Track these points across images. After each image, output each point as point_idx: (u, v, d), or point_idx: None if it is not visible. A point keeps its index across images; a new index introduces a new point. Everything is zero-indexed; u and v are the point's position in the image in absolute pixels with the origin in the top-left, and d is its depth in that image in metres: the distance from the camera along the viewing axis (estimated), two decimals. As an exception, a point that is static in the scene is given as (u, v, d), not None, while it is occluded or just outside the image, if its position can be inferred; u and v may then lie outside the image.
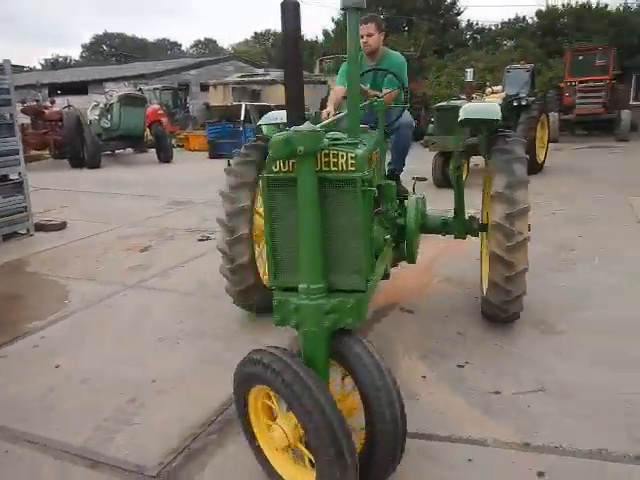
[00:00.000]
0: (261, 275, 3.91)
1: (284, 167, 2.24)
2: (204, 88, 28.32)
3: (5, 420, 2.99)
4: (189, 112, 25.30)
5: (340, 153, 2.21)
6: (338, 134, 2.55)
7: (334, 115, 3.85)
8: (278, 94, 16.72)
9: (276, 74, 18.38)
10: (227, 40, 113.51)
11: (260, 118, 15.68)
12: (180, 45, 67.47)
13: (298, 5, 2.24)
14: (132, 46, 55.73)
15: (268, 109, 15.61)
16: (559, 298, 4.32)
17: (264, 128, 4.17)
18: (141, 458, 2.62)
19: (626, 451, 2.52)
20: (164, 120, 16.69)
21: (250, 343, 3.38)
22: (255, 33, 57.50)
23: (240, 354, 2.25)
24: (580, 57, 21.40)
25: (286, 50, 2.27)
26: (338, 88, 4.38)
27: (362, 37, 4.22)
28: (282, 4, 2.22)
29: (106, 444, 2.75)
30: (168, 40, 67.74)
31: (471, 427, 2.77)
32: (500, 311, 3.67)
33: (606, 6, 31.12)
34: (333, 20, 39.47)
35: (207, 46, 64.48)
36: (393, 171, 4.43)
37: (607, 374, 3.19)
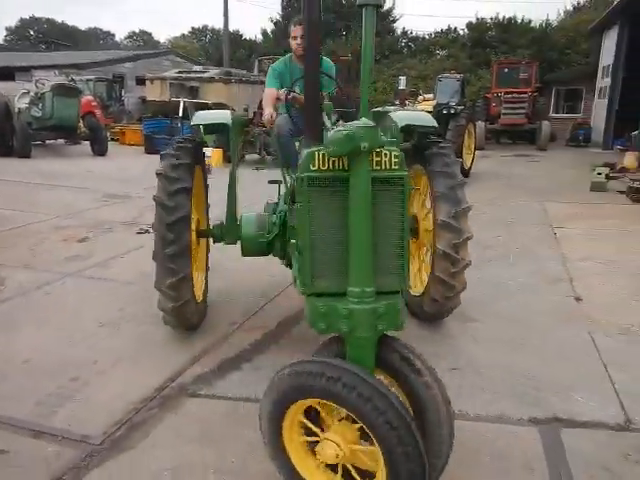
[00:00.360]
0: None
1: (323, 165, 2.15)
2: (140, 82, 27.72)
3: (-56, 400, 3.03)
4: (124, 105, 24.71)
5: (384, 152, 2.16)
6: None
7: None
8: (216, 92, 16.72)
9: (215, 71, 18.32)
10: (163, 33, 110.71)
11: (199, 115, 15.32)
12: (113, 35, 65.29)
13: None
14: (61, 33, 53.22)
15: (206, 106, 15.62)
16: (477, 292, 4.74)
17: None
18: (85, 429, 2.76)
19: (521, 415, 2.92)
20: (98, 112, 16.29)
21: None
22: (192, 28, 56.70)
23: (179, 339, 2.39)
24: (506, 69, 22.70)
25: (307, 41, 2.35)
26: (270, 91, 4.19)
27: (296, 38, 4.13)
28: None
29: (49, 417, 2.86)
30: (100, 29, 65.29)
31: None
32: (441, 307, 3.86)
33: (530, 22, 33.08)
34: (272, 21, 39.62)
35: (142, 38, 62.75)
36: None
37: (510, 355, 3.61)
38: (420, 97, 17.00)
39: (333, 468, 2.12)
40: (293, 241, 2.52)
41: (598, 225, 7.37)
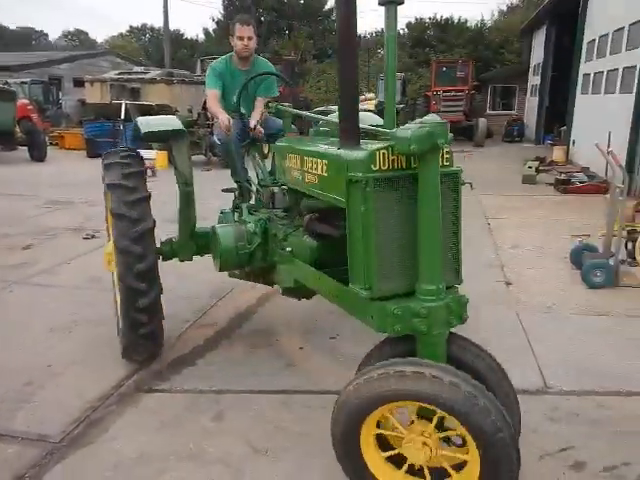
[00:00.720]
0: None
1: (384, 165, 2.11)
2: (78, 84, 26.91)
3: None
4: (62, 108, 23.98)
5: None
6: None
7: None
8: (159, 93, 16.52)
9: (156, 72, 18.09)
10: (100, 33, 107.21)
11: (141, 116, 15.27)
12: (47, 35, 62.86)
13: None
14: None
15: (150, 108, 15.45)
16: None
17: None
18: (44, 429, 2.85)
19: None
20: (34, 116, 15.81)
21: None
22: (131, 27, 55.38)
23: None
24: (444, 68, 23.49)
25: (339, 40, 2.20)
26: (212, 93, 4.01)
27: (243, 39, 3.99)
28: None
29: (7, 420, 2.93)
30: (33, 29, 62.66)
31: (337, 380, 3.32)
32: None
33: (466, 22, 34.28)
34: (213, 20, 39.27)
35: (78, 38, 60.72)
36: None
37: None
38: (362, 97, 17.40)
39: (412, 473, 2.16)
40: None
41: (528, 215, 7.90)
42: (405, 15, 56.73)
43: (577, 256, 5.39)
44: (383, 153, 2.10)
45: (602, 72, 11.38)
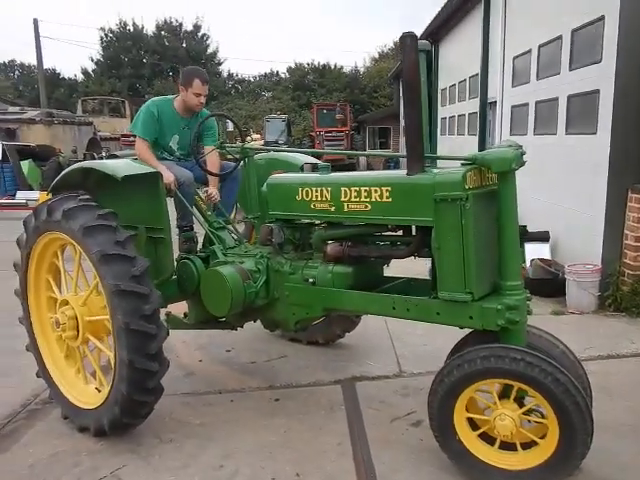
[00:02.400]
0: None
1: (471, 184, 2.50)
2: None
3: None
4: None
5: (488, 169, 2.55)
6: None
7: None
8: (38, 133, 16.14)
9: (34, 112, 17.61)
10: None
11: (19, 158, 15.00)
12: None
13: (416, 40, 2.48)
14: None
15: (29, 149, 15.04)
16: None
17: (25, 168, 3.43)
18: (-45, 446, 3.05)
19: (320, 379, 3.85)
20: None
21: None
22: (-3, 62, 52.43)
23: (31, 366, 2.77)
24: (324, 111, 25.17)
25: (406, 86, 2.51)
26: (144, 143, 3.72)
27: (200, 96, 3.83)
28: (401, 39, 2.47)
29: None
30: None
31: (234, 383, 3.84)
32: None
33: (342, 68, 36.89)
34: (92, 60, 38.55)
35: None
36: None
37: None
38: (248, 138, 18.11)
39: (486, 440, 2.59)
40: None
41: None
42: (285, 61, 59.37)
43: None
44: (469, 175, 2.50)
45: (454, 116, 13.13)
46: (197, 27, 38.97)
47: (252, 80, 41.17)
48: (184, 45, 38.13)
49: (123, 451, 2.99)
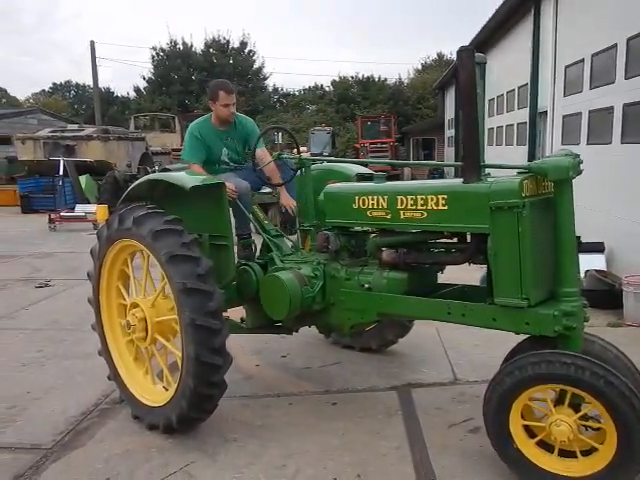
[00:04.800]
0: None
1: (528, 192, 2.55)
2: (4, 141, 26.58)
3: None
4: (-11, 166, 23.56)
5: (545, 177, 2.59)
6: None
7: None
8: (95, 149, 16.87)
9: (91, 129, 18.44)
10: (20, 90, 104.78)
11: (78, 172, 15.71)
12: (-39, 93, 60.96)
13: (473, 53, 2.56)
14: None
15: (87, 164, 15.75)
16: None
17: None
18: (35, 439, 3.27)
19: (375, 385, 3.91)
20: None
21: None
22: (54, 84, 55.17)
23: (104, 367, 2.99)
24: (369, 123, 25.32)
25: (463, 98, 2.58)
26: (196, 167, 3.98)
27: (228, 106, 4.05)
28: (458, 52, 2.57)
29: (-2, 437, 3.32)
30: (-56, 88, 60.69)
31: (291, 387, 3.94)
32: None
33: (385, 80, 36.99)
34: (144, 78, 40.02)
35: (-4, 95, 59.48)
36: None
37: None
38: (295, 150, 18.38)
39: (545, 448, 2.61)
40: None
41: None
42: (329, 74, 60.03)
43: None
44: (526, 183, 2.55)
45: (502, 127, 13.00)
46: (243, 44, 39.95)
47: (297, 94, 41.79)
48: (231, 62, 39.11)
49: (191, 449, 3.13)
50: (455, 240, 3.09)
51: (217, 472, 2.91)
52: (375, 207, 3.12)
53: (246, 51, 40.15)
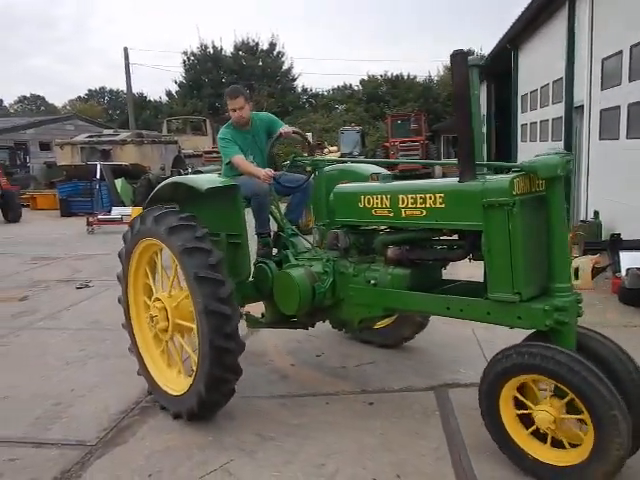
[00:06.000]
0: None
1: (519, 190, 2.63)
2: (44, 147, 27.50)
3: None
4: (29, 171, 24.39)
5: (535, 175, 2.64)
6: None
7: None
8: (130, 153, 17.26)
9: (126, 134, 18.86)
10: (57, 97, 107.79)
11: (114, 176, 16.10)
12: (1, 101, 63.17)
13: (466, 56, 2.67)
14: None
15: (122, 168, 16.12)
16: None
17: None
18: (79, 436, 3.36)
19: (412, 385, 3.88)
20: (3, 180, 16.27)
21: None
22: (89, 90, 56.61)
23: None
24: (399, 121, 25.14)
25: (457, 100, 2.67)
26: (239, 157, 4.06)
27: (235, 110, 4.17)
28: (452, 56, 2.65)
29: (45, 432, 3.43)
30: (-15, 96, 62.94)
31: (327, 386, 3.96)
32: None
33: (415, 78, 36.68)
34: (176, 82, 40.69)
35: (34, 102, 61.38)
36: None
37: (407, 352, 4.59)
38: (326, 150, 18.47)
39: (540, 438, 2.68)
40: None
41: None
42: (359, 73, 59.89)
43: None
44: (517, 181, 2.63)
45: (536, 122, 12.73)
46: (272, 45, 40.23)
47: (325, 94, 41.84)
48: (260, 63, 39.40)
49: (229, 447, 3.17)
50: (455, 237, 3.21)
51: (256, 470, 2.94)
52: (379, 206, 3.27)
53: (275, 52, 40.41)
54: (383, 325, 4.51)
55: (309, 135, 18.31)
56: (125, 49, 27.11)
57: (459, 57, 2.66)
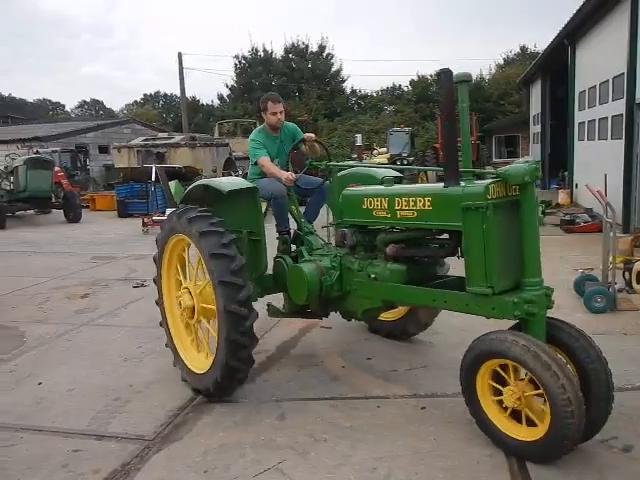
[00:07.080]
0: None
1: (494, 194, 2.94)
2: (102, 150, 28.62)
3: (6, 419, 3.69)
4: (89, 174, 25.43)
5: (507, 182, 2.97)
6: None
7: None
8: (183, 156, 17.71)
9: (179, 137, 19.34)
10: (115, 101, 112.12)
11: (168, 179, 16.52)
12: (63, 106, 66.09)
13: (452, 74, 2.98)
14: (6, 106, 53.05)
15: (176, 170, 16.56)
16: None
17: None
18: (138, 431, 3.48)
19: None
20: (65, 182, 17.06)
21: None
22: (145, 95, 58.43)
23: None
24: (449, 122, 24.63)
25: (443, 113, 3.10)
26: (266, 158, 4.51)
27: (276, 114, 4.63)
28: (438, 73, 3.01)
29: (106, 426, 3.56)
30: (49, 100, 66.07)
31: (378, 389, 3.94)
32: None
33: (466, 77, 35.90)
34: (227, 86, 41.47)
35: (94, 107, 63.90)
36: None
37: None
38: (375, 151, 18.36)
39: (513, 415, 2.97)
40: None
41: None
42: (408, 74, 59.34)
43: (580, 286, 5.99)
44: (492, 186, 2.95)
45: (594, 120, 12.25)
46: (322, 47, 40.33)
47: (374, 95, 41.64)
48: (309, 66, 39.61)
49: (282, 446, 3.20)
50: (446, 236, 3.50)
51: (309, 471, 2.96)
52: (378, 208, 3.64)
53: (324, 55, 40.53)
54: (391, 318, 4.85)
55: (358, 137, 18.34)
56: (179, 54, 27.89)
57: (444, 75, 2.99)
